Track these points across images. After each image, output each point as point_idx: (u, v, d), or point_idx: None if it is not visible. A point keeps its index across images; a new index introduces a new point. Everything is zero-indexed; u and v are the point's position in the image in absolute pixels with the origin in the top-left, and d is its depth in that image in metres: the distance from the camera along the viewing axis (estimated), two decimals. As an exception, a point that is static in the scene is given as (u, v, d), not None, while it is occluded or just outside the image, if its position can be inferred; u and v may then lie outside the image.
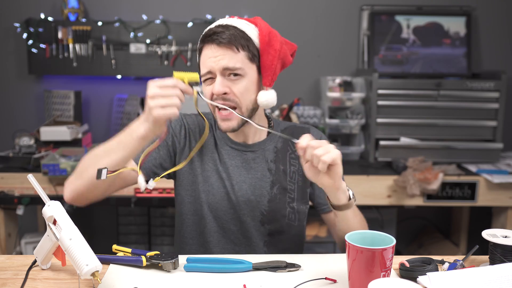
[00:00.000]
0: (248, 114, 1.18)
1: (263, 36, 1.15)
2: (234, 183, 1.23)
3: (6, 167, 2.34)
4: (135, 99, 2.70)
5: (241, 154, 1.25)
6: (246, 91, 1.15)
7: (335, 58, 2.90)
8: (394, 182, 2.30)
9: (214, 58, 1.12)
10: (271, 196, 1.23)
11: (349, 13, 2.88)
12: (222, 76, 1.13)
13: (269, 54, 1.15)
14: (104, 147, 1.09)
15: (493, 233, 1.02)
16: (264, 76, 1.17)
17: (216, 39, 1.12)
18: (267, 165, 1.25)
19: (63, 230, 0.90)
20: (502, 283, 0.86)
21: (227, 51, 1.12)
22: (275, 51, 1.15)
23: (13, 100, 2.87)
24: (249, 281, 0.98)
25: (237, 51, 1.13)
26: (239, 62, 1.13)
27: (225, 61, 1.12)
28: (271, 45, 1.15)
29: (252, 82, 1.16)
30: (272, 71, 1.16)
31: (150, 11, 2.81)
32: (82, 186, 1.10)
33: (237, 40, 1.12)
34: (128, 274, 1.00)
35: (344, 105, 2.66)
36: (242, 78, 1.14)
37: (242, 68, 1.13)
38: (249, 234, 1.23)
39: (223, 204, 1.22)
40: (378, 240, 0.92)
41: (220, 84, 1.12)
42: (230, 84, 1.14)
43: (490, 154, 2.52)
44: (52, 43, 2.72)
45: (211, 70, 1.13)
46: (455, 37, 2.80)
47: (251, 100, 1.17)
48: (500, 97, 2.47)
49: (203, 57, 1.15)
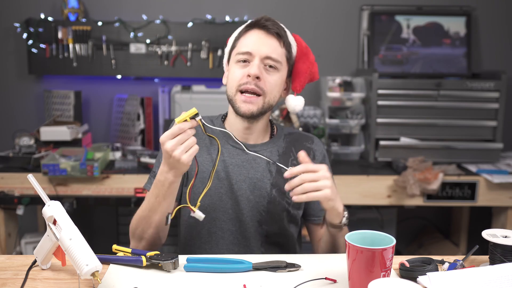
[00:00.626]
0: (268, 106, 1.20)
1: (302, 48, 1.23)
2: (234, 183, 1.22)
3: (6, 167, 2.34)
4: (135, 99, 2.70)
5: (242, 153, 1.24)
6: (276, 85, 1.20)
7: (335, 58, 2.90)
8: (394, 182, 2.30)
9: (260, 42, 1.17)
10: (271, 198, 1.23)
11: (349, 13, 2.88)
12: (260, 62, 1.16)
13: (304, 63, 1.22)
14: (146, 207, 1.14)
15: (493, 233, 1.02)
16: (296, 81, 1.24)
17: (268, 28, 1.17)
18: (268, 167, 1.25)
19: (63, 230, 0.90)
20: (502, 283, 0.86)
21: (274, 41, 1.17)
22: (310, 63, 1.23)
23: (13, 100, 2.87)
24: (249, 281, 0.98)
25: (282, 46, 1.18)
26: (280, 56, 1.18)
27: (270, 49, 1.16)
28: (307, 57, 1.23)
29: (282, 80, 1.22)
30: (303, 78, 1.23)
31: (150, 11, 2.81)
32: (148, 244, 1.18)
33: (285, 36, 1.19)
34: (128, 274, 1.00)
35: (344, 105, 2.66)
36: (277, 72, 1.19)
37: (281, 62, 1.19)
38: (247, 234, 1.23)
39: (221, 205, 1.22)
40: (378, 240, 0.92)
41: (258, 68, 1.15)
42: (264, 73, 1.17)
43: (490, 154, 2.52)
44: (52, 43, 2.72)
45: (252, 53, 1.16)
46: (455, 37, 2.80)
47: (275, 96, 1.21)
48: (500, 97, 2.47)
49: (247, 38, 1.19)
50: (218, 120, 1.31)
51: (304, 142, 1.31)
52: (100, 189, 2.28)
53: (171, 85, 2.78)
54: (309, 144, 1.31)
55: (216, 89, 2.69)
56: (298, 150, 1.26)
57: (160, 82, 2.90)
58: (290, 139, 1.31)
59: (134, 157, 2.45)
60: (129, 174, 2.29)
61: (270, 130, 1.31)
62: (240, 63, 1.18)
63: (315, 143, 1.32)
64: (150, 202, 1.13)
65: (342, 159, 2.64)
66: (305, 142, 1.31)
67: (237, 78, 1.18)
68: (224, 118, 1.31)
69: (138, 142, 2.69)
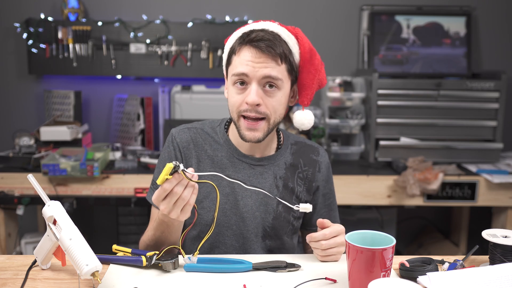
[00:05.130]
0: (274, 126, 1.14)
1: (305, 53, 1.12)
2: (239, 198, 1.19)
3: (6, 167, 2.34)
4: (135, 99, 2.70)
5: (248, 167, 1.21)
6: (279, 104, 1.12)
7: (335, 58, 2.90)
8: (394, 182, 2.30)
9: (255, 63, 1.07)
10: (276, 214, 1.20)
11: (349, 13, 2.88)
12: (257, 85, 1.08)
13: (309, 73, 1.12)
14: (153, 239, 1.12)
15: (493, 233, 1.02)
16: (303, 94, 1.14)
17: (262, 46, 1.07)
18: (275, 182, 1.21)
19: (63, 230, 0.90)
20: (502, 283, 0.86)
21: (270, 61, 1.08)
22: (315, 70, 1.13)
23: (13, 100, 2.87)
24: (249, 281, 0.98)
25: (279, 64, 1.09)
26: (279, 74, 1.09)
27: (267, 70, 1.07)
28: (312, 63, 1.12)
29: (285, 96, 1.13)
30: (310, 90, 1.14)
31: (150, 11, 2.81)
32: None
33: (282, 52, 1.08)
34: (128, 274, 1.00)
35: (344, 105, 2.66)
36: (278, 91, 1.10)
37: (282, 80, 1.10)
38: (250, 250, 1.21)
39: (225, 220, 1.18)
40: (378, 240, 0.92)
41: (256, 94, 1.08)
42: (264, 96, 1.09)
43: (490, 154, 2.52)
44: (52, 43, 2.72)
45: (248, 74, 1.08)
46: (455, 37, 2.80)
47: (280, 114, 1.14)
48: (500, 97, 2.47)
49: (242, 57, 1.09)
50: (221, 127, 1.25)
51: (310, 154, 1.27)
52: (100, 189, 2.28)
53: (171, 85, 2.78)
54: (315, 156, 1.27)
55: (216, 89, 2.69)
56: (305, 162, 1.25)
57: (160, 82, 2.90)
58: (296, 150, 1.27)
59: (134, 157, 2.45)
60: (129, 174, 2.29)
61: (277, 138, 1.26)
62: (237, 85, 1.10)
63: (320, 155, 1.28)
64: (156, 236, 1.11)
65: (342, 159, 2.64)
66: (311, 154, 1.27)
67: (236, 103, 1.11)
68: (228, 124, 1.26)
69: (138, 142, 2.69)
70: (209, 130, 1.25)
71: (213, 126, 1.26)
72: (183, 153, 1.22)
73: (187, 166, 1.21)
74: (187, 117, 2.64)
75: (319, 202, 1.29)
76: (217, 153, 1.21)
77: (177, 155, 1.22)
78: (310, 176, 1.25)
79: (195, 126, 1.26)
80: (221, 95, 2.65)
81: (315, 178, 1.26)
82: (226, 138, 1.22)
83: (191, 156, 1.22)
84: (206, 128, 1.25)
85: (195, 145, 1.22)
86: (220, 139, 1.23)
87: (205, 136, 1.23)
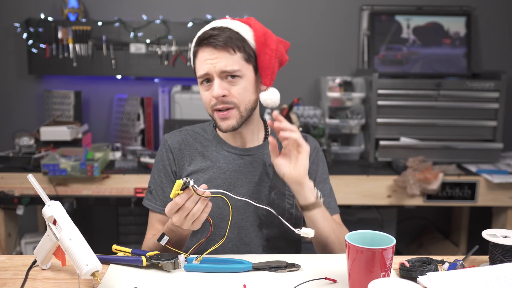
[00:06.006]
0: (247, 113, 1.18)
1: (259, 37, 1.16)
2: (231, 189, 1.22)
3: (6, 167, 2.34)
4: (135, 99, 2.70)
5: (238, 158, 1.25)
6: (245, 91, 1.17)
7: (335, 58, 2.90)
8: (394, 182, 2.30)
9: (211, 60, 1.13)
10: (269, 201, 1.23)
11: (349, 13, 2.88)
12: (220, 79, 1.14)
13: (266, 54, 1.16)
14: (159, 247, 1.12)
15: (493, 233, 1.02)
16: (263, 76, 1.18)
17: (212, 42, 1.13)
18: (265, 169, 1.25)
19: (63, 230, 0.90)
20: (502, 283, 0.86)
21: (223, 54, 1.13)
22: (271, 50, 1.16)
23: (13, 100, 2.87)
24: (249, 281, 0.98)
25: (233, 53, 1.14)
26: (236, 64, 1.14)
27: (222, 64, 1.13)
28: (267, 45, 1.16)
29: (250, 83, 1.18)
30: (270, 70, 1.17)
31: (150, 11, 2.81)
32: None
33: (233, 41, 1.13)
34: (128, 274, 1.00)
35: (344, 105, 2.66)
36: (240, 79, 1.16)
37: (240, 69, 1.15)
38: (247, 239, 1.22)
39: (219, 212, 1.21)
40: (378, 240, 0.92)
41: (219, 87, 1.14)
42: (228, 86, 1.15)
43: (490, 154, 2.52)
44: (52, 43, 2.72)
45: (209, 73, 1.14)
46: (455, 37, 2.80)
47: (250, 100, 1.18)
48: (500, 97, 2.47)
49: (200, 59, 1.16)
50: (210, 126, 1.31)
51: None
52: (100, 189, 2.28)
53: (171, 85, 2.78)
54: None
55: (216, 89, 2.69)
56: None
57: (160, 82, 2.90)
58: None
59: (134, 157, 2.46)
60: (129, 174, 2.29)
61: (264, 128, 1.30)
62: (204, 84, 1.17)
63: (309, 141, 1.30)
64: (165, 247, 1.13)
65: (342, 159, 2.64)
66: None
67: (207, 100, 1.18)
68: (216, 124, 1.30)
69: (138, 142, 2.69)
70: (199, 130, 1.31)
71: (203, 126, 1.32)
72: (175, 154, 1.26)
73: (182, 166, 1.25)
74: (187, 117, 2.64)
75: None
76: (208, 148, 1.27)
77: (169, 156, 1.27)
78: None
79: (186, 128, 1.32)
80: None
81: None
82: (215, 134, 1.28)
83: (183, 156, 1.26)
84: (196, 129, 1.32)
85: (186, 145, 1.27)
86: (209, 136, 1.29)
87: (195, 135, 1.29)
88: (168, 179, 1.25)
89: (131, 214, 2.69)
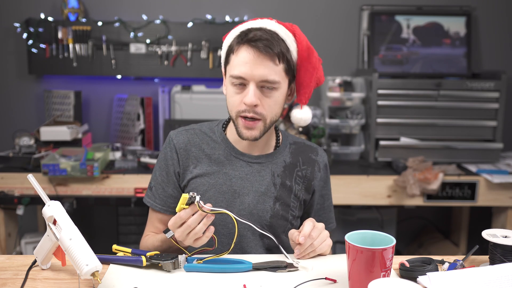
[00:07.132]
0: (270, 125, 1.15)
1: (302, 51, 1.12)
2: (236, 196, 1.19)
3: (6, 167, 2.34)
4: (135, 99, 2.70)
5: (246, 165, 1.21)
6: (275, 104, 1.12)
7: (335, 58, 2.90)
8: (394, 182, 2.30)
9: (253, 64, 1.07)
10: (274, 212, 1.20)
11: (349, 13, 2.88)
12: (255, 86, 1.09)
13: (307, 71, 1.12)
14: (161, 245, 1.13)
15: (493, 233, 1.02)
16: (301, 93, 1.15)
17: (260, 46, 1.06)
18: (273, 180, 1.21)
19: (63, 230, 0.90)
20: (502, 283, 0.86)
21: (267, 61, 1.07)
22: (313, 68, 1.12)
23: (13, 100, 2.87)
24: (249, 281, 0.98)
25: (277, 63, 1.08)
26: (277, 75, 1.09)
27: (265, 72, 1.07)
28: (309, 61, 1.12)
29: (282, 95, 1.14)
30: (309, 89, 1.14)
31: (150, 11, 2.81)
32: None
33: (280, 51, 1.08)
34: (128, 274, 1.00)
35: (344, 105, 2.66)
36: (275, 92, 1.11)
37: (279, 82, 1.10)
38: (248, 248, 1.20)
39: (221, 219, 1.17)
40: (378, 240, 0.92)
41: (254, 95, 1.08)
42: (261, 96, 1.10)
43: (490, 154, 2.52)
44: (52, 43, 2.72)
45: (246, 77, 1.08)
46: (455, 37, 2.80)
47: (276, 114, 1.15)
48: (500, 97, 2.47)
49: (240, 58, 1.09)
50: (218, 127, 1.26)
51: (309, 154, 1.27)
52: (100, 189, 2.28)
53: (171, 85, 2.78)
54: (314, 156, 1.28)
55: (216, 89, 2.69)
56: (304, 161, 1.26)
57: (160, 82, 2.90)
58: (295, 149, 1.27)
59: (134, 157, 2.45)
60: (129, 174, 2.29)
61: (276, 137, 1.26)
62: (235, 86, 1.11)
63: (319, 155, 1.29)
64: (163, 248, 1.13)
65: (342, 159, 2.64)
66: (310, 154, 1.27)
67: (235, 103, 1.12)
68: (226, 124, 1.26)
69: (138, 142, 2.69)
70: (207, 130, 1.26)
71: (211, 126, 1.27)
72: (180, 154, 1.22)
73: (186, 167, 1.21)
74: (187, 117, 2.65)
75: (317, 203, 1.29)
76: (215, 151, 1.22)
77: (173, 156, 1.22)
78: (309, 175, 1.25)
79: (193, 127, 1.27)
80: (221, 95, 2.65)
81: (314, 177, 1.26)
82: (224, 137, 1.23)
83: (188, 157, 1.22)
84: (204, 129, 1.26)
85: (192, 145, 1.23)
86: (217, 138, 1.24)
87: (203, 135, 1.24)
88: (169, 178, 1.22)
89: (131, 214, 2.69)
